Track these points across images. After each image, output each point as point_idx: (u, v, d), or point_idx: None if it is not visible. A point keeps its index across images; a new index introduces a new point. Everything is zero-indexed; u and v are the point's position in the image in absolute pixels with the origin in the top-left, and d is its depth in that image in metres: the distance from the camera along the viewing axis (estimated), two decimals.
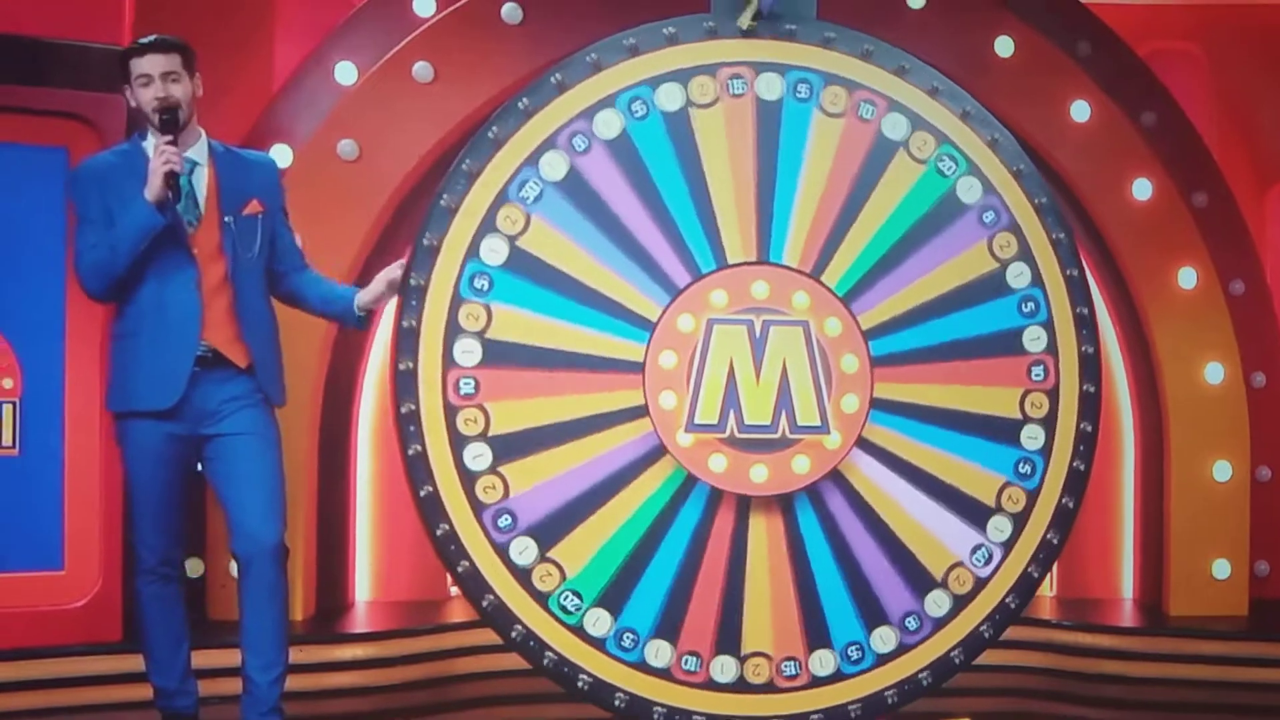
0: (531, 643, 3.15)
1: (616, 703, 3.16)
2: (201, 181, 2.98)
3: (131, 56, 2.94)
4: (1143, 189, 4.27)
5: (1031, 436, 3.30)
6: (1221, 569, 4.28)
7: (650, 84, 3.21)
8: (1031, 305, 3.30)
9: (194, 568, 3.92)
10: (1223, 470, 4.29)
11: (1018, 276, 3.30)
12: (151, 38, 2.95)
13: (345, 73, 4.05)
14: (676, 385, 3.18)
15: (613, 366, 3.19)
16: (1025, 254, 3.29)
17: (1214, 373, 4.29)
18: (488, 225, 3.15)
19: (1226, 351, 4.30)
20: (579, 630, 3.18)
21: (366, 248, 4.03)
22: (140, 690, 3.23)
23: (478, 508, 3.15)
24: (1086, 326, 3.29)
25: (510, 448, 3.16)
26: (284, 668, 3.02)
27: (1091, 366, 3.30)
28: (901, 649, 3.25)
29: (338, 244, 3.94)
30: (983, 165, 3.30)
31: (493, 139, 3.17)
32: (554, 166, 3.19)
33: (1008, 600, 3.28)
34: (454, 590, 4.22)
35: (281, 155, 3.95)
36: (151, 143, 2.96)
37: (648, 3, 3.64)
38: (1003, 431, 3.28)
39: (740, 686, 3.21)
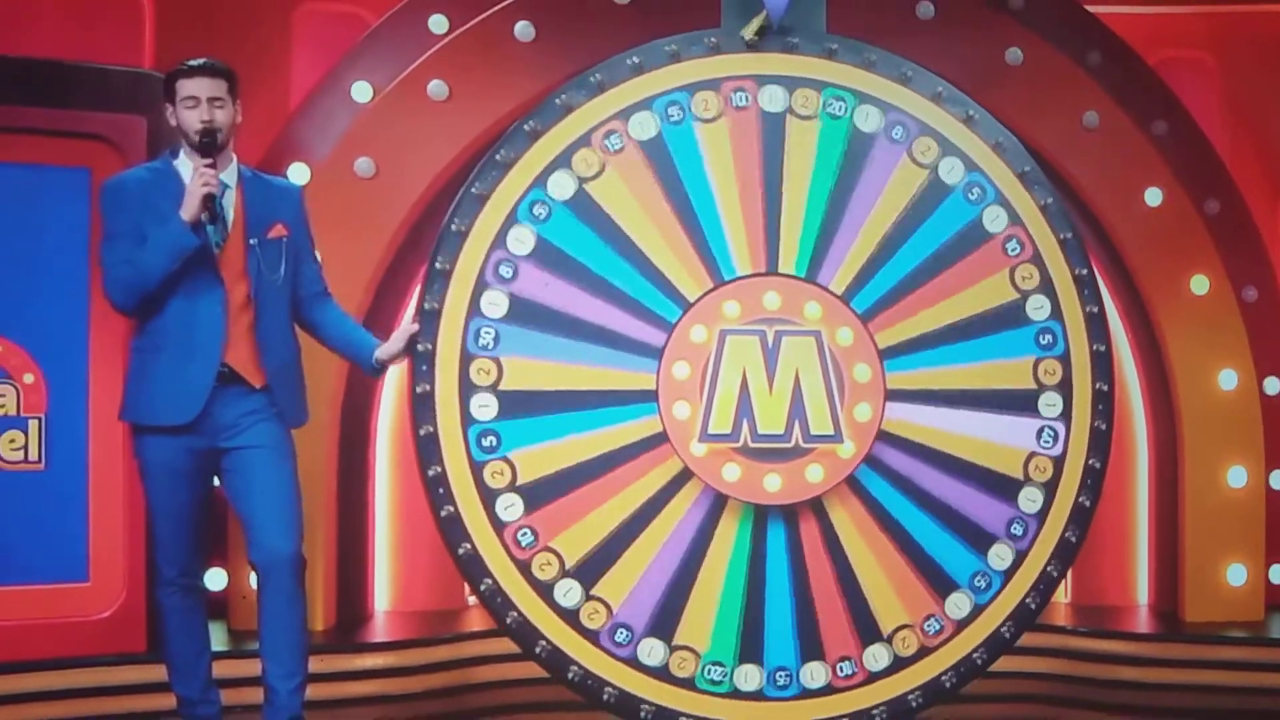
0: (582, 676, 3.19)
1: (643, 714, 3.20)
2: (230, 204, 3.02)
3: (180, 78, 2.97)
4: (1154, 197, 4.28)
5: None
6: (1237, 574, 4.27)
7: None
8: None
9: (215, 579, 3.97)
10: (1237, 476, 4.29)
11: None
12: (201, 61, 2.97)
13: (361, 92, 4.09)
14: (690, 396, 3.22)
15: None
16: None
17: (1227, 379, 4.29)
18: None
19: (1240, 358, 4.30)
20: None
21: (384, 263, 4.08)
22: (164, 700, 3.28)
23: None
24: (1097, 324, 3.32)
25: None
26: (304, 676, 3.05)
27: (1103, 364, 3.32)
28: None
29: (355, 260, 3.99)
30: (987, 168, 3.33)
31: (500, 161, 3.22)
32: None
33: (1028, 600, 3.30)
34: (471, 600, 4.25)
35: (299, 173, 4.00)
36: (183, 161, 3.00)
37: (659, 18, 3.70)
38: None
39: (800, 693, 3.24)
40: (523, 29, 4.00)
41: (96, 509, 3.67)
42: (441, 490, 3.19)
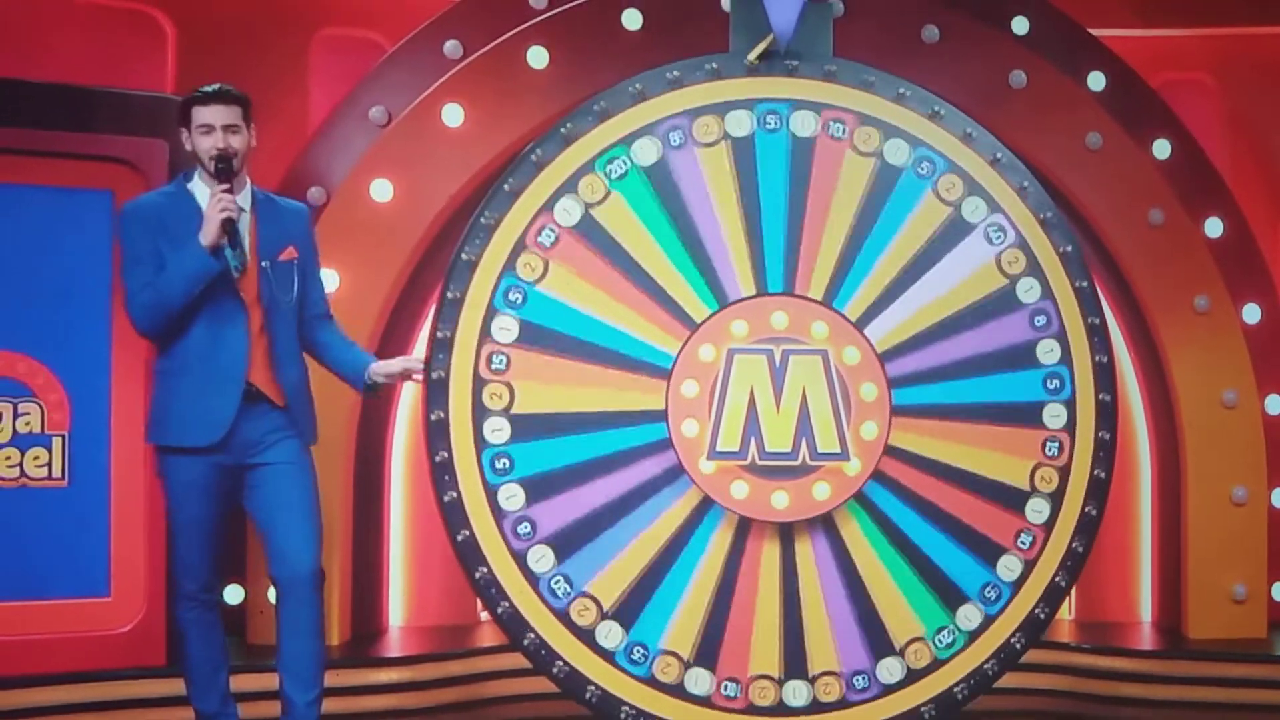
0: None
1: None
2: (245, 228, 3.06)
3: (195, 104, 3.01)
4: (1156, 217, 4.30)
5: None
6: (1240, 592, 4.29)
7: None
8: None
9: (232, 594, 4.02)
10: (1240, 494, 4.30)
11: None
12: (216, 87, 3.02)
13: (378, 116, 4.14)
14: (699, 414, 3.27)
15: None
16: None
17: (1230, 397, 4.32)
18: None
19: (1242, 376, 4.32)
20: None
21: (399, 285, 4.13)
22: (183, 713, 3.31)
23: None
24: (1099, 335, 3.37)
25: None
26: (321, 690, 3.08)
27: (1106, 376, 3.36)
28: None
29: (372, 283, 4.04)
30: (988, 186, 3.38)
31: (509, 191, 3.27)
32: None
33: (1037, 611, 3.33)
34: (484, 615, 4.29)
35: (316, 197, 4.06)
36: (198, 184, 3.05)
37: (670, 44, 3.76)
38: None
39: (813, 708, 3.29)
40: (536, 55, 4.06)
41: (118, 525, 3.72)
42: (457, 515, 3.24)
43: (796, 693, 3.30)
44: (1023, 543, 3.36)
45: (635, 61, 3.61)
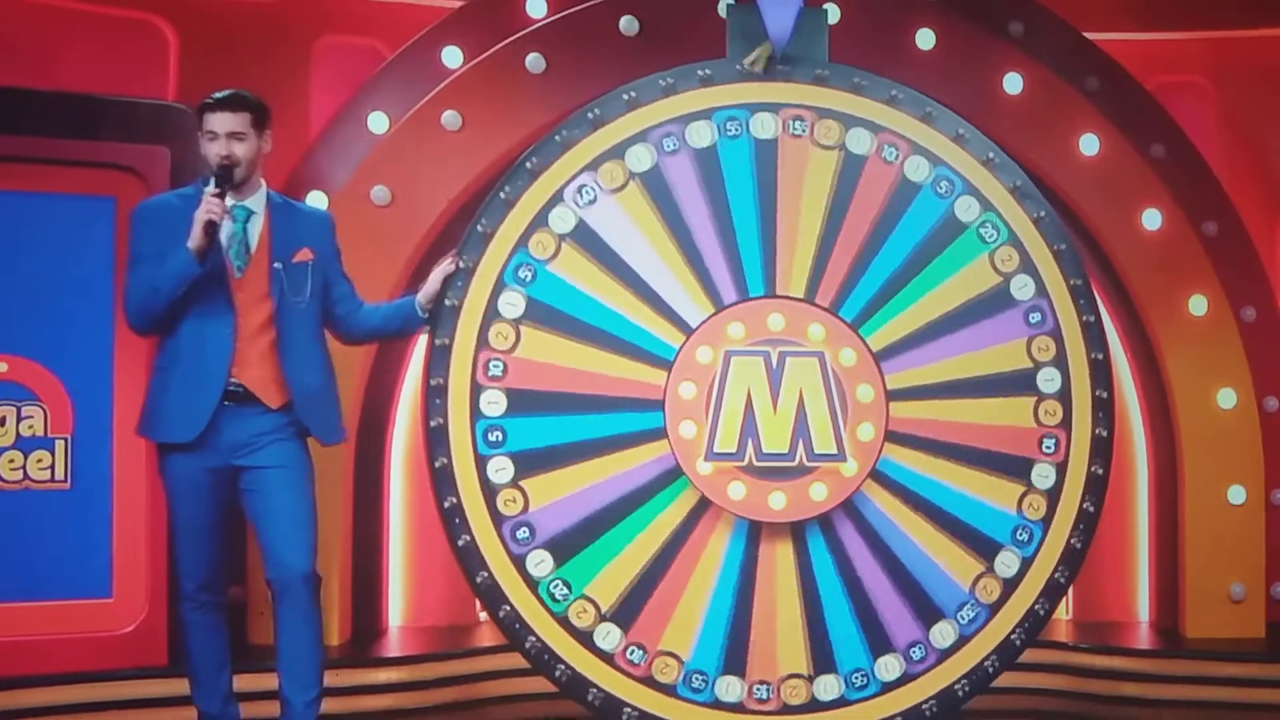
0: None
1: None
2: (256, 229, 3.10)
3: (205, 111, 3.06)
4: (1153, 219, 4.31)
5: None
6: (1238, 592, 4.29)
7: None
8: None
9: (234, 595, 4.05)
10: (1237, 494, 4.31)
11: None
12: (226, 94, 3.05)
13: (378, 122, 4.18)
14: (696, 415, 3.30)
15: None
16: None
17: (1226, 398, 4.32)
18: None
19: (1239, 377, 4.33)
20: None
21: (399, 288, 4.12)
22: (185, 713, 3.34)
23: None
24: (1094, 334, 3.39)
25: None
26: (319, 690, 3.10)
27: (1103, 372, 3.38)
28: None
29: (372, 285, 4.01)
30: (1000, 205, 3.40)
31: (504, 199, 3.31)
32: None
33: (1037, 607, 3.35)
34: (482, 615, 4.32)
35: (317, 201, 4.09)
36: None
37: (667, 50, 3.79)
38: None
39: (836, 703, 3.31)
40: (534, 61, 4.09)
41: (120, 527, 3.75)
42: (458, 520, 3.27)
43: (827, 688, 3.32)
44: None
45: (632, 67, 3.64)
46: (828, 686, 3.31)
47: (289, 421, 3.10)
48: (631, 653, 3.27)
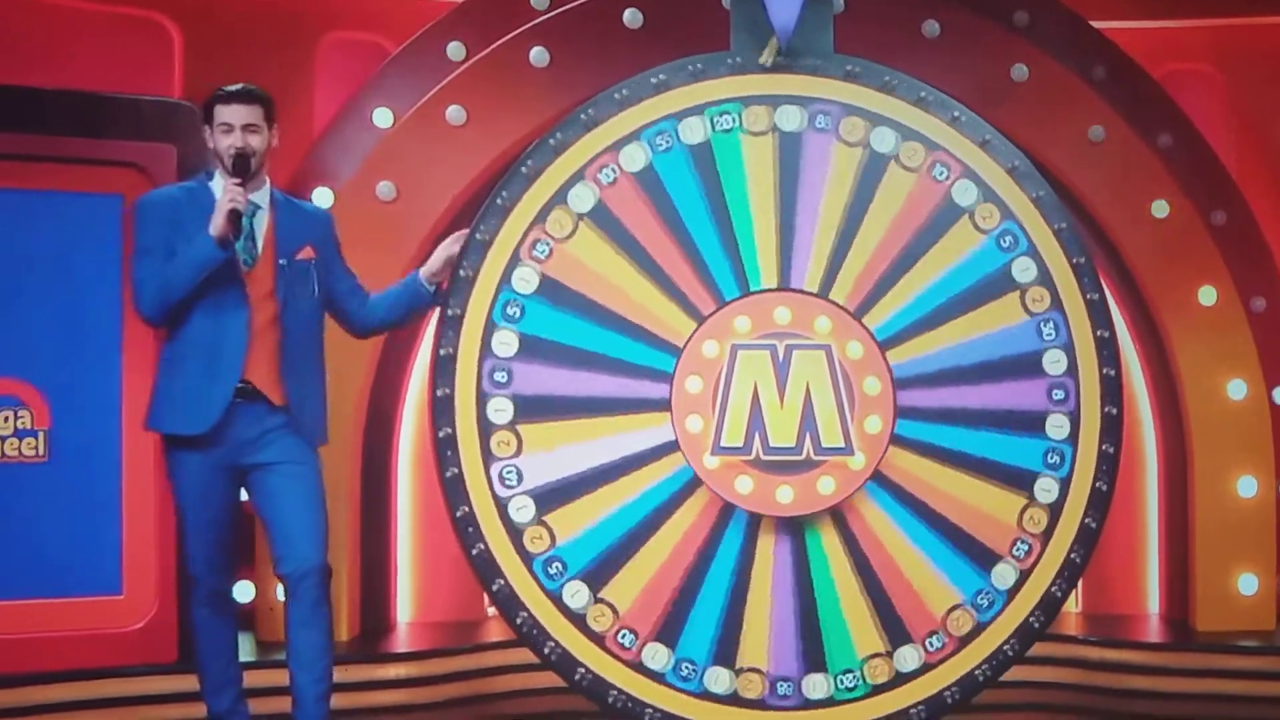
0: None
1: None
2: (261, 225, 3.10)
3: (217, 103, 3.06)
4: (1161, 209, 4.30)
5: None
6: (1248, 584, 4.28)
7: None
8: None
9: (242, 591, 4.06)
10: (1247, 486, 4.30)
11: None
12: (238, 87, 3.07)
13: (382, 117, 4.18)
14: (703, 409, 3.28)
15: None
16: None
17: (1236, 389, 4.31)
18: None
19: (1248, 368, 4.32)
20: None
21: None
22: (194, 709, 3.35)
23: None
24: (1107, 348, 3.36)
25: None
26: (329, 685, 3.11)
27: (1112, 387, 3.36)
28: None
29: (377, 281, 4.02)
30: (1001, 191, 3.38)
31: (501, 205, 3.30)
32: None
33: (1031, 620, 3.33)
34: (491, 611, 4.32)
35: (322, 197, 4.10)
36: (218, 183, 3.08)
37: (670, 42, 3.77)
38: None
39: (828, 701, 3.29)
40: (538, 55, 4.09)
41: (129, 525, 3.76)
42: (471, 529, 3.26)
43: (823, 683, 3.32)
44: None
45: (636, 60, 3.62)
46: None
47: (289, 420, 3.11)
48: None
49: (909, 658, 3.32)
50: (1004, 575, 3.34)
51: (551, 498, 3.29)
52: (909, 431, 3.34)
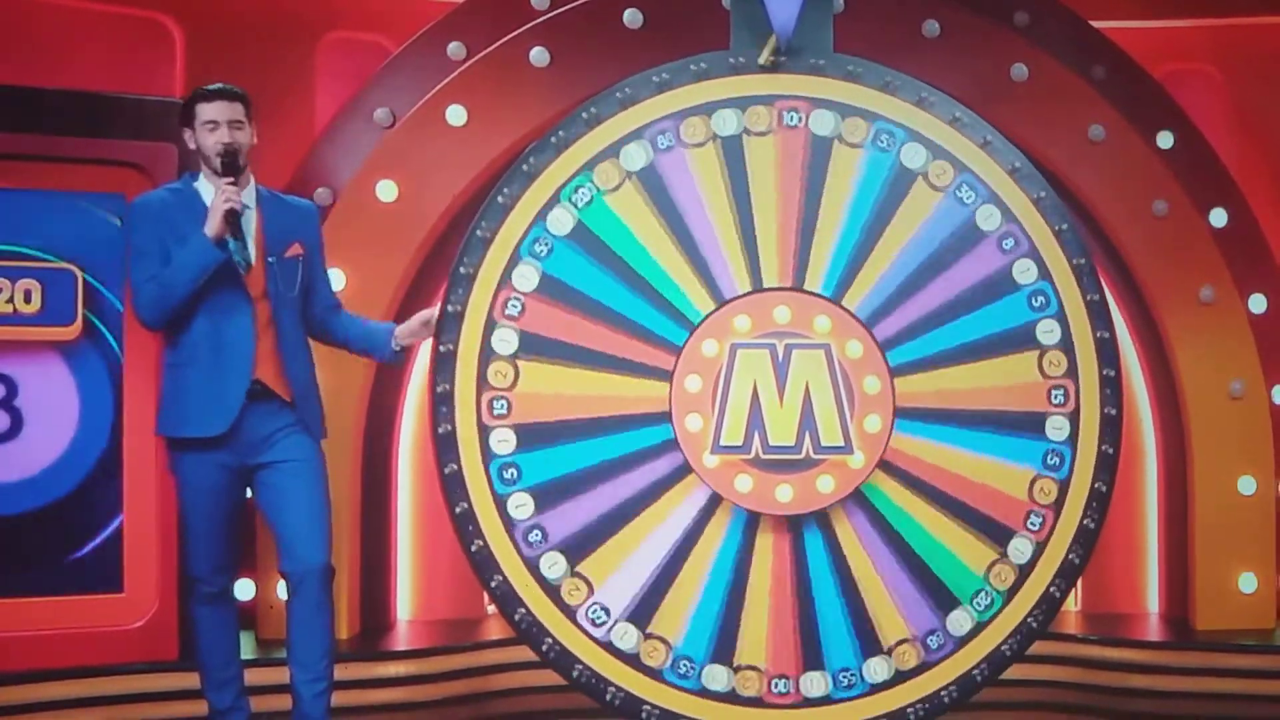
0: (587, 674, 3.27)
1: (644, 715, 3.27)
2: (251, 224, 3.11)
3: (198, 102, 3.07)
4: (1161, 208, 4.30)
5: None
6: (1248, 582, 4.28)
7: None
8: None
9: (243, 589, 4.07)
10: (1247, 484, 4.30)
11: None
12: (218, 86, 3.08)
13: (383, 117, 4.19)
14: (702, 408, 3.29)
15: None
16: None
17: (1236, 388, 4.31)
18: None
19: (1248, 367, 4.32)
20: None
21: (406, 283, 4.17)
22: (195, 707, 3.37)
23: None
24: (1107, 349, 3.35)
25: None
26: (329, 683, 3.12)
27: (1113, 388, 3.35)
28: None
29: (379, 280, 4.08)
30: (1002, 194, 3.38)
31: (527, 171, 3.31)
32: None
33: (1029, 620, 3.33)
34: (490, 609, 4.33)
35: (323, 197, 4.11)
36: (203, 183, 3.09)
37: (671, 42, 3.78)
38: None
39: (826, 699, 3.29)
40: (538, 55, 4.09)
41: (130, 523, 3.77)
42: (470, 526, 3.27)
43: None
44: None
45: (636, 60, 3.63)
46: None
47: (297, 418, 3.12)
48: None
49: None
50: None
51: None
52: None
